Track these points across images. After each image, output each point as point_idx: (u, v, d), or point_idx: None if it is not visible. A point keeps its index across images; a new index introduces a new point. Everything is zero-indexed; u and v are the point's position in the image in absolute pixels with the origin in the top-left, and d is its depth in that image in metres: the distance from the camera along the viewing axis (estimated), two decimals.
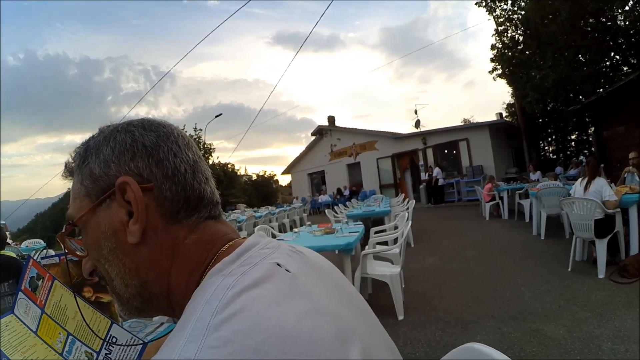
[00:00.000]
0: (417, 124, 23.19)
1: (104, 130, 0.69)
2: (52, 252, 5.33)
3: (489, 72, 21.19)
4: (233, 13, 13.59)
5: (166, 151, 0.64)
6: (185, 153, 0.67)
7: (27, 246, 10.70)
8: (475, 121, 25.55)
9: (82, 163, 0.66)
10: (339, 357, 0.48)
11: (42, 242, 11.84)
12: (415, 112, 23.65)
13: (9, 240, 7.95)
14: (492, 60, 20.69)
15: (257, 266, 0.56)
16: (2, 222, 19.61)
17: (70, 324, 1.12)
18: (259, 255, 0.60)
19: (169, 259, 0.63)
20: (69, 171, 0.70)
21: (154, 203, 0.62)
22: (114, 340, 1.09)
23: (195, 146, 0.71)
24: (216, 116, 31.55)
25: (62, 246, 0.70)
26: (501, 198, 11.13)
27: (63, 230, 0.66)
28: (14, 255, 3.25)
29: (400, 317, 4.04)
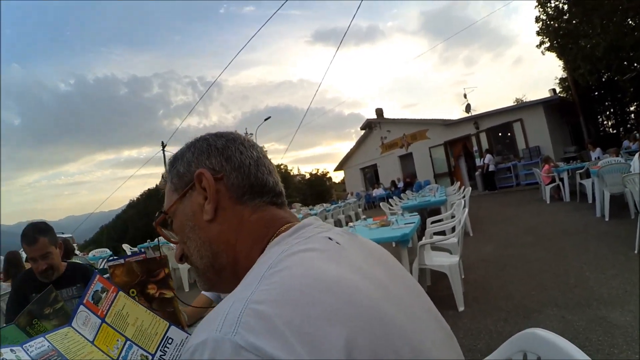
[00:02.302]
0: (468, 108, 22.51)
1: (187, 142, 0.87)
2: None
3: (537, 46, 20.48)
4: (270, 17, 13.83)
5: (233, 150, 0.81)
6: (250, 151, 0.83)
7: (94, 255, 11.28)
8: (527, 100, 24.65)
9: (171, 168, 0.85)
10: (383, 311, 0.54)
11: (108, 250, 12.47)
12: (465, 96, 22.94)
13: (76, 252, 8.48)
14: (538, 33, 20.01)
15: (310, 239, 0.68)
16: (69, 235, 20.69)
17: (130, 329, 1.27)
18: (313, 231, 0.71)
19: (234, 234, 0.76)
20: (164, 179, 0.89)
21: (223, 188, 0.78)
22: (169, 341, 1.23)
23: (261, 148, 0.87)
24: (265, 119, 32.06)
25: (158, 233, 0.89)
26: (561, 179, 10.70)
27: (157, 219, 0.86)
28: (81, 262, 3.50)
29: (461, 308, 3.96)
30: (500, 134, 19.74)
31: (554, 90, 22.41)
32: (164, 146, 27.68)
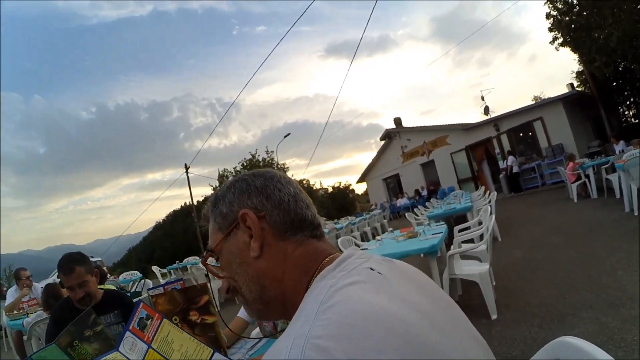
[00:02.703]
0: (486, 110, 22.27)
1: (226, 183, 0.93)
2: (149, 282, 5.75)
3: (550, 42, 20.25)
4: (284, 35, 14.10)
5: (272, 188, 0.86)
6: (287, 188, 0.88)
7: (124, 278, 11.34)
8: (546, 97, 24.29)
9: (214, 208, 0.91)
10: (427, 339, 0.59)
11: (138, 273, 12.51)
12: (482, 98, 22.74)
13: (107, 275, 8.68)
14: (550, 29, 19.81)
15: (354, 270, 0.72)
16: (99, 258, 20.95)
17: (175, 355, 1.38)
18: (355, 263, 0.75)
19: (281, 268, 0.82)
20: (205, 218, 0.95)
21: (267, 226, 0.83)
22: None
23: (296, 183, 0.92)
24: (285, 136, 32.25)
25: (206, 270, 0.94)
26: (587, 176, 10.58)
27: (204, 257, 0.92)
28: (114, 287, 3.61)
29: (494, 316, 3.91)
30: (521, 134, 19.59)
31: (571, 85, 22.04)
32: (187, 168, 28.15)
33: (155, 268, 13.44)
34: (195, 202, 31.22)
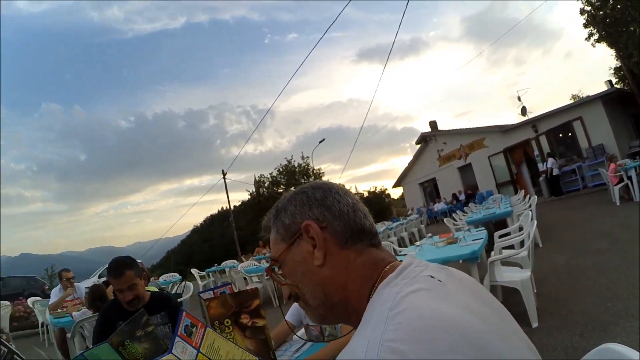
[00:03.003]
0: (524, 111, 21.81)
1: (286, 195, 0.98)
2: (190, 285, 5.98)
3: (586, 39, 19.85)
4: (318, 41, 14.31)
5: (332, 200, 0.91)
6: (345, 199, 0.92)
7: (164, 280, 11.63)
8: (584, 95, 23.58)
9: (275, 219, 0.96)
10: (486, 342, 0.64)
11: (177, 275, 12.82)
12: (519, 98, 22.30)
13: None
14: (585, 25, 19.39)
15: (415, 278, 0.76)
16: (139, 260, 21.52)
17: None
18: (415, 271, 0.79)
19: (343, 275, 0.86)
20: (267, 228, 1.01)
21: (329, 236, 0.88)
22: None
23: (353, 194, 0.96)
24: (320, 142, 32.43)
25: (271, 278, 0.98)
26: (629, 178, 10.29)
27: (269, 266, 0.99)
28: (156, 289, 3.78)
29: (535, 325, 3.84)
30: (560, 135, 19.10)
31: (610, 82, 21.35)
32: (224, 174, 28.71)
33: (194, 270, 13.72)
34: (232, 207, 31.66)
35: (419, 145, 28.77)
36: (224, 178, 28.65)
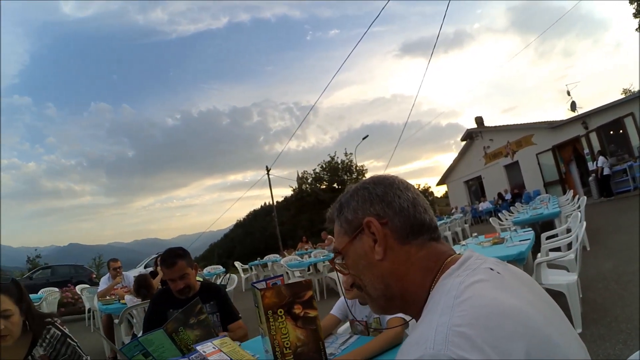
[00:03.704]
0: (573, 106, 20.93)
1: (348, 190, 1.02)
2: (234, 277, 6.15)
3: (636, 29, 19.04)
4: (361, 37, 14.30)
5: (392, 196, 0.93)
6: (406, 194, 0.94)
7: (208, 272, 12.04)
8: (636, 90, 22.38)
9: (339, 213, 1.01)
10: (544, 331, 0.68)
11: (221, 267, 13.23)
12: (568, 92, 21.40)
13: None
14: (635, 15, 18.59)
15: (477, 270, 0.80)
16: None
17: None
18: (476, 263, 0.83)
19: (404, 269, 0.90)
20: (330, 220, 1.06)
21: (389, 231, 0.91)
22: None
23: (414, 187, 0.98)
24: (363, 138, 32.37)
25: (334, 269, 1.05)
26: None
27: (333, 258, 1.06)
28: (201, 279, 3.91)
29: (579, 330, 3.71)
30: (611, 132, 18.04)
31: None
32: (268, 170, 29.11)
33: (237, 263, 14.00)
34: (275, 203, 32.03)
35: (464, 142, 28.34)
36: (268, 174, 29.02)
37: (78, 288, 10.55)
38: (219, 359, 1.66)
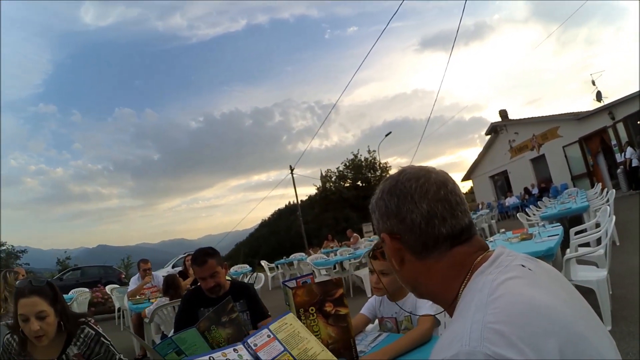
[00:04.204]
0: (599, 96, 20.23)
1: (376, 193, 1.03)
2: (261, 275, 6.21)
3: None
4: (380, 34, 14.27)
5: (405, 211, 0.92)
6: (420, 206, 0.91)
7: (235, 270, 12.10)
8: None
9: (372, 215, 1.03)
10: (576, 328, 0.69)
11: (247, 266, 13.25)
12: (593, 82, 20.75)
13: None
14: None
15: (508, 267, 0.81)
16: None
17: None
18: (507, 260, 0.84)
19: (426, 277, 0.93)
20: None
21: (403, 247, 0.94)
22: None
23: (433, 192, 0.92)
24: (386, 135, 32.21)
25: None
26: None
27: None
28: (229, 278, 3.99)
29: (608, 328, 3.57)
30: (639, 122, 17.41)
31: None
32: (292, 169, 29.33)
33: (263, 262, 14.08)
34: (299, 202, 32.14)
35: (488, 136, 27.91)
36: (292, 173, 29.15)
37: (108, 288, 10.80)
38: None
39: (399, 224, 0.93)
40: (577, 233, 5.53)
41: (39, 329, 1.98)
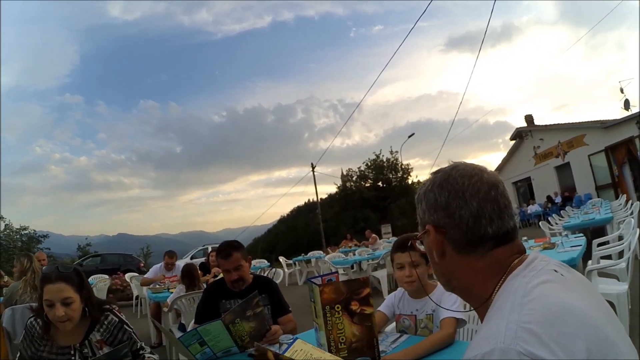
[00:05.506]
0: (627, 104, 19.40)
1: (424, 184, 1.04)
2: (280, 271, 6.35)
3: None
4: (407, 34, 14.23)
5: (454, 207, 0.93)
6: (470, 204, 0.92)
7: (254, 265, 11.89)
8: None
9: (418, 205, 1.04)
10: (604, 331, 0.71)
11: (265, 261, 13.43)
12: (621, 90, 19.81)
13: None
14: None
15: (542, 271, 0.84)
16: None
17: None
18: (541, 264, 0.87)
19: (464, 273, 0.96)
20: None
21: (446, 241, 0.96)
22: None
23: (485, 192, 0.93)
24: (409, 136, 31.98)
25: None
26: None
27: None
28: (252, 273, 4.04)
29: None
30: None
31: None
32: (313, 167, 29.27)
33: (281, 258, 14.11)
34: (319, 200, 32.12)
35: (513, 142, 27.53)
36: (313, 171, 29.15)
37: (127, 276, 10.97)
38: None
39: (446, 218, 0.95)
40: (599, 245, 5.43)
41: (64, 314, 2.00)
